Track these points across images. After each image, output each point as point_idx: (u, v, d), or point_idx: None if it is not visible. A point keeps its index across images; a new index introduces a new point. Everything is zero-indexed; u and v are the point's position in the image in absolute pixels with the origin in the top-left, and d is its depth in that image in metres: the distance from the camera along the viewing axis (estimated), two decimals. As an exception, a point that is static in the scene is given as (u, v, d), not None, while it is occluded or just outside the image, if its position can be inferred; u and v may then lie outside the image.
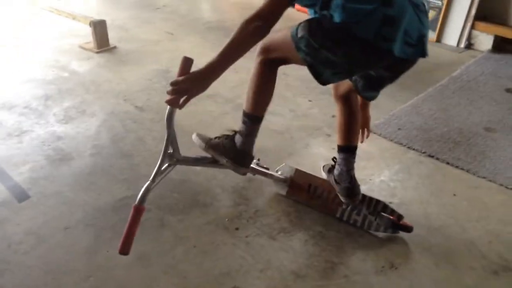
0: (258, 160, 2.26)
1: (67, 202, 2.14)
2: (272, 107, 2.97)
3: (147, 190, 1.65)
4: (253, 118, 1.88)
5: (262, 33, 1.55)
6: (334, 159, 2.16)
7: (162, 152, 1.70)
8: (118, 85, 3.23)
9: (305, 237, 2.01)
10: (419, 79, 3.52)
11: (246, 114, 1.89)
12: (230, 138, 1.94)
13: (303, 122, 2.89)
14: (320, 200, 2.16)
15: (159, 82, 3.26)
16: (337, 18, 1.49)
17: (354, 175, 2.07)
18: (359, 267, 1.87)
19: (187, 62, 1.47)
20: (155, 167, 2.00)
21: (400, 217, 2.03)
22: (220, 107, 3.00)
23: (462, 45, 4.24)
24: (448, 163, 2.53)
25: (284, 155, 2.54)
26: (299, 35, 1.61)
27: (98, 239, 1.94)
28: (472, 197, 2.30)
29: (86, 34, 3.82)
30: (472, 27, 4.19)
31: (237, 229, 2.03)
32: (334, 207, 2.11)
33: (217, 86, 2.87)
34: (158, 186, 2.18)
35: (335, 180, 2.09)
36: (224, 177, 2.31)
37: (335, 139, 2.68)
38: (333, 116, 2.94)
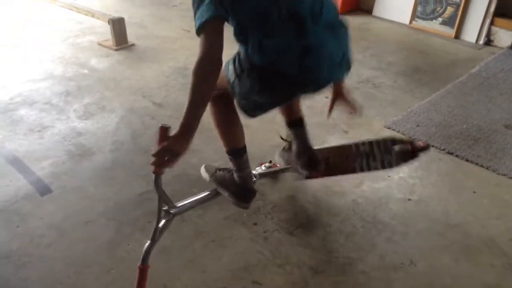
0: (270, 162, 2.27)
1: (88, 196, 2.18)
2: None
3: (149, 250, 1.64)
4: (233, 152, 1.88)
5: (216, 70, 1.46)
6: (282, 138, 2.19)
7: (157, 212, 1.65)
8: (136, 82, 3.26)
9: (322, 233, 2.02)
10: (437, 76, 3.49)
11: (226, 152, 1.90)
12: (231, 173, 1.95)
13: (320, 118, 2.88)
14: (338, 166, 2.14)
15: (177, 79, 3.28)
16: (259, 60, 1.52)
17: (311, 146, 2.07)
18: (378, 263, 1.87)
19: (165, 131, 1.41)
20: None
21: (412, 143, 2.02)
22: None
23: (481, 41, 4.18)
24: (467, 160, 2.51)
25: (302, 152, 2.54)
26: (231, 80, 1.65)
27: (119, 233, 1.97)
28: (492, 194, 2.28)
29: (105, 32, 3.87)
30: (491, 23, 4.13)
31: (255, 224, 2.05)
32: (351, 166, 2.08)
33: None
34: (178, 182, 2.22)
35: (296, 156, 2.07)
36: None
37: (352, 136, 2.69)
38: (351, 113, 2.93)
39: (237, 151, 1.88)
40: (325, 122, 2.83)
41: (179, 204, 1.81)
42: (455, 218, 2.12)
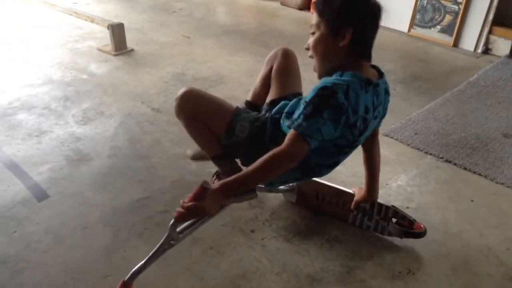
0: None
1: (85, 202, 2.17)
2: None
3: (139, 271, 1.62)
4: (217, 157, 1.87)
5: (285, 170, 1.47)
6: None
7: (160, 244, 1.63)
8: (135, 87, 3.26)
9: (320, 240, 2.01)
10: (436, 84, 3.50)
11: (218, 158, 1.86)
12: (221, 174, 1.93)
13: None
14: (330, 206, 2.15)
15: (175, 85, 3.28)
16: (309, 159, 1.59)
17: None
18: (376, 271, 1.87)
19: (204, 191, 1.39)
20: (171, 169, 2.01)
21: (411, 223, 1.98)
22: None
23: (480, 50, 4.20)
24: (465, 168, 2.51)
25: (300, 159, 2.54)
26: (239, 134, 1.73)
27: (116, 239, 1.96)
28: (490, 203, 2.28)
29: (104, 37, 3.88)
30: (490, 32, 4.15)
31: (252, 231, 2.04)
32: (345, 213, 2.10)
33: (233, 89, 2.91)
34: (174, 188, 2.21)
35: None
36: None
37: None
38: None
39: (221, 156, 1.86)
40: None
41: (181, 235, 1.71)
42: (453, 227, 2.12)
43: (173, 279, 1.79)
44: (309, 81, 1.94)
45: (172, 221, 1.52)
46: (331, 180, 2.36)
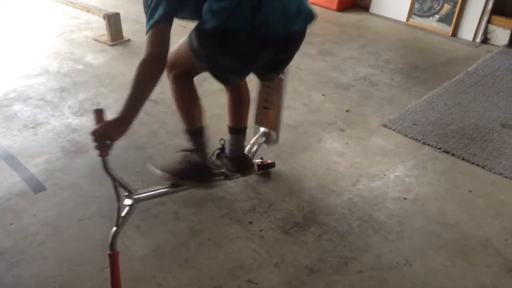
0: (261, 158, 2.31)
1: (82, 194, 2.16)
2: (285, 100, 2.96)
3: (115, 235, 1.65)
4: (192, 132, 1.90)
5: (160, 70, 1.55)
6: (221, 141, 2.15)
7: (116, 198, 1.66)
8: (132, 78, 3.22)
9: (318, 231, 2.01)
10: (434, 74, 3.48)
11: (185, 131, 1.91)
12: (184, 159, 1.93)
13: (316, 116, 2.88)
14: None
15: (173, 75, 3.26)
16: (210, 23, 1.53)
17: (245, 152, 2.13)
18: (374, 262, 1.87)
19: (100, 113, 1.51)
20: (167, 161, 2.00)
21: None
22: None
23: (478, 39, 4.18)
24: (463, 159, 2.51)
25: (298, 150, 2.54)
26: (195, 45, 1.66)
27: (113, 231, 1.95)
28: (488, 193, 2.28)
29: (101, 27, 3.84)
30: (489, 21, 4.12)
31: (250, 223, 2.03)
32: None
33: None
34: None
35: (227, 158, 2.09)
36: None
37: (349, 134, 2.69)
38: (347, 111, 2.93)
39: (196, 132, 1.90)
40: (322, 120, 2.83)
41: (141, 191, 1.81)
42: (451, 218, 2.11)
43: (170, 271, 1.79)
44: None
45: (101, 160, 1.57)
46: (329, 170, 2.36)
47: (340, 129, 2.74)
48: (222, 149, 2.12)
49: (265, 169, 2.30)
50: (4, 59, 3.45)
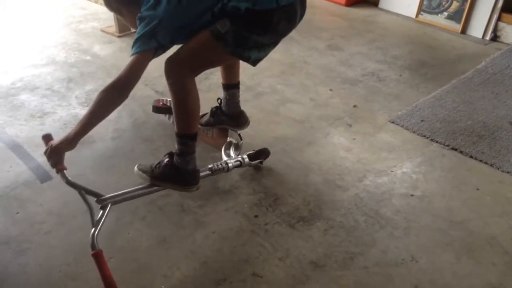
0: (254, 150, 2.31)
1: (88, 184, 2.13)
2: (292, 95, 2.96)
3: (93, 236, 1.68)
4: (193, 136, 1.86)
5: (123, 99, 1.68)
6: (218, 100, 2.27)
7: (86, 205, 1.76)
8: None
9: (324, 226, 2.00)
10: (443, 71, 3.46)
11: (185, 136, 1.84)
12: (170, 163, 1.89)
13: (323, 111, 2.86)
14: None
15: (180, 68, 3.25)
16: (244, 5, 1.61)
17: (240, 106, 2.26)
18: (379, 258, 1.86)
19: (47, 137, 1.82)
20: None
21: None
22: (240, 95, 2.97)
23: (488, 37, 4.14)
24: (471, 156, 2.49)
25: (304, 144, 2.53)
26: (223, 30, 1.67)
27: (119, 222, 1.96)
28: (496, 191, 2.26)
29: (108, 18, 3.84)
30: (499, 19, 4.08)
31: (256, 216, 2.03)
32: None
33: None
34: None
35: (226, 115, 2.23)
36: (244, 164, 2.30)
37: (356, 129, 2.67)
38: (355, 106, 2.91)
39: (195, 134, 1.87)
40: (329, 115, 2.82)
41: (109, 195, 1.84)
42: (458, 215, 2.10)
43: (175, 262, 1.79)
44: None
45: (60, 175, 1.79)
46: (336, 165, 2.35)
47: (347, 124, 2.73)
48: (218, 107, 2.24)
49: (260, 156, 2.29)
50: (11, 48, 3.46)
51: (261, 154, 2.29)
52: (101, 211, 1.77)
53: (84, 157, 2.33)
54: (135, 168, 1.99)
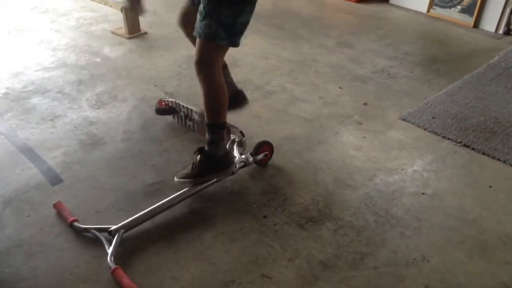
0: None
1: (99, 186, 2.17)
2: (301, 94, 2.94)
3: (110, 257, 1.76)
4: (222, 125, 2.02)
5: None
6: None
7: (102, 240, 1.84)
8: (149, 71, 3.24)
9: (333, 226, 1.99)
10: (454, 66, 3.41)
11: (216, 125, 2.00)
12: (204, 157, 2.03)
13: (333, 109, 2.84)
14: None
15: (189, 69, 3.25)
16: None
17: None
18: (389, 258, 1.84)
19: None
20: (184, 153, 2.00)
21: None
22: (250, 95, 2.97)
23: (501, 31, 4.07)
24: (484, 153, 2.45)
25: (313, 143, 2.51)
26: (212, 30, 1.82)
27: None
28: (509, 189, 2.22)
29: (118, 20, 3.85)
30: (512, 12, 4.01)
31: (265, 217, 2.02)
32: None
33: (246, 72, 2.90)
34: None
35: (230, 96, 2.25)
36: (253, 165, 2.29)
37: (366, 128, 2.65)
38: (365, 104, 2.89)
39: (224, 123, 2.02)
40: (338, 113, 2.80)
41: (120, 224, 1.88)
42: (470, 213, 2.07)
43: (184, 263, 1.79)
44: None
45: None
46: (346, 164, 2.34)
47: (357, 123, 2.71)
48: None
49: (260, 150, 2.27)
50: (22, 52, 3.50)
51: (260, 147, 2.27)
52: (115, 238, 1.83)
53: (94, 159, 2.35)
54: (175, 179, 2.07)
